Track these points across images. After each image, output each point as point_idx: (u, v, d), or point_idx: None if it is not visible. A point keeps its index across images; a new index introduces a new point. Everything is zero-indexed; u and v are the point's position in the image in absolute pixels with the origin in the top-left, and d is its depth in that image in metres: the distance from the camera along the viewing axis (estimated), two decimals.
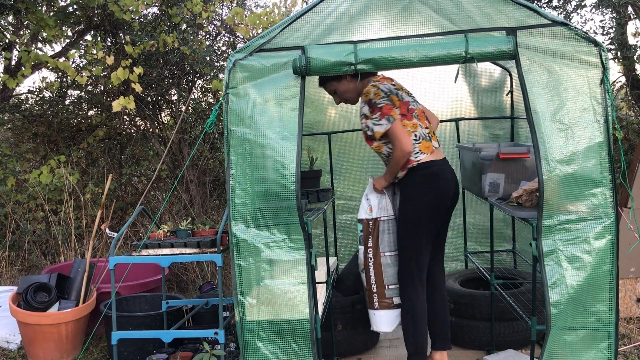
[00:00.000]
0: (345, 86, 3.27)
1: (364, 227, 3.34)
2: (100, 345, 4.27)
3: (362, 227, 3.35)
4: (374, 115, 3.14)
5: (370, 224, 3.32)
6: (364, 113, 3.19)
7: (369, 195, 3.37)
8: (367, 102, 3.17)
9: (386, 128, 3.12)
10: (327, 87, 3.35)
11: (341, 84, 3.26)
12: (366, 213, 3.35)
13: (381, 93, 3.15)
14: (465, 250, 4.38)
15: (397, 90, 3.22)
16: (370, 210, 3.34)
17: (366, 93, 3.18)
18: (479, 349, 3.84)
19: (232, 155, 2.92)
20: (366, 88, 3.20)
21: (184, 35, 5.89)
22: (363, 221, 3.36)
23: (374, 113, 3.14)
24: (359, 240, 3.39)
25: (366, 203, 3.37)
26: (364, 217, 3.36)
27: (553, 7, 5.81)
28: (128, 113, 6.54)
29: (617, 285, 2.81)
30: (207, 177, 6.44)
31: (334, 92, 3.33)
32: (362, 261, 3.36)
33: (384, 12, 2.91)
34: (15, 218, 5.84)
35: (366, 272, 3.34)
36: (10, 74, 5.63)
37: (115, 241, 3.37)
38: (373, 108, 3.14)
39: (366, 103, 3.17)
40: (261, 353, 2.95)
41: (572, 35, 2.78)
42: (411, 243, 3.22)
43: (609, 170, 2.77)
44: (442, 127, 4.55)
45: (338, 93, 3.32)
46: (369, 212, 3.34)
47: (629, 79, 5.80)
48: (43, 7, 5.65)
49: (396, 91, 3.20)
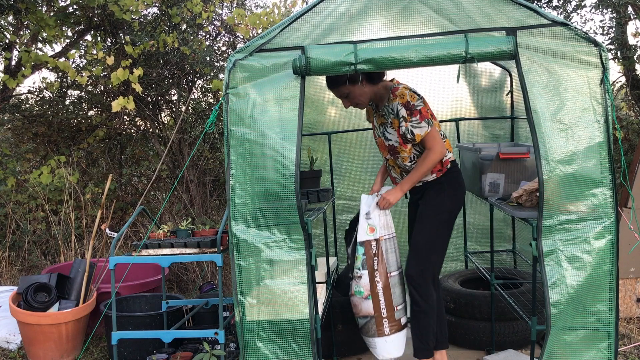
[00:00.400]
0: (360, 90, 3.14)
1: (367, 250, 3.18)
2: (100, 345, 4.27)
3: (365, 250, 3.19)
4: (413, 117, 3.06)
5: (373, 246, 3.18)
6: (403, 116, 3.08)
7: (371, 213, 3.21)
8: (404, 105, 3.07)
9: (426, 131, 3.08)
10: (339, 91, 3.18)
11: (356, 88, 3.12)
12: (367, 234, 3.19)
13: (415, 95, 3.09)
14: (465, 250, 4.38)
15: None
16: (372, 230, 3.18)
17: (401, 95, 3.09)
18: (479, 349, 3.84)
19: (232, 155, 2.92)
20: (399, 90, 3.10)
21: (184, 35, 5.89)
22: (365, 243, 3.19)
23: (413, 115, 3.06)
24: (361, 265, 3.19)
25: (365, 223, 3.21)
26: (365, 239, 3.20)
27: (553, 7, 5.82)
28: (128, 113, 6.54)
29: (617, 285, 2.81)
30: (207, 177, 6.44)
31: (346, 96, 3.18)
32: (367, 287, 3.16)
33: (384, 12, 2.91)
34: (16, 218, 5.84)
35: (374, 299, 3.16)
36: (11, 74, 5.63)
37: (115, 241, 3.37)
38: (411, 111, 3.06)
39: (403, 106, 3.07)
40: (261, 353, 2.95)
41: (572, 36, 2.78)
42: (444, 241, 3.24)
43: (609, 170, 2.77)
44: (442, 127, 4.55)
45: (350, 97, 3.18)
46: (370, 233, 3.18)
47: (629, 79, 5.81)
48: (43, 7, 5.66)
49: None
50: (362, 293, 3.20)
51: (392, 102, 3.14)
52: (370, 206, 3.24)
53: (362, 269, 3.20)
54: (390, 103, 3.15)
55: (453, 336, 3.93)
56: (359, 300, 3.22)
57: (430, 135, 3.10)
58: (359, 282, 3.20)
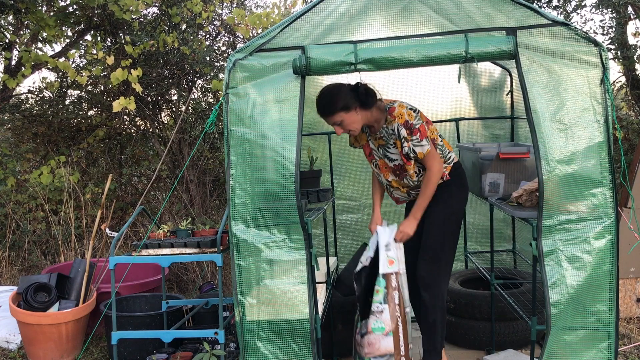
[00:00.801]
0: (354, 116, 3.06)
1: (388, 283, 3.07)
2: (100, 345, 4.27)
3: (386, 283, 3.07)
4: (414, 136, 3.03)
5: (394, 279, 3.07)
6: (404, 136, 3.04)
7: (390, 244, 3.11)
8: (404, 124, 3.02)
9: (428, 149, 3.05)
10: (332, 118, 3.08)
11: (350, 114, 3.05)
12: (388, 267, 3.08)
13: (412, 112, 3.05)
14: (466, 250, 4.38)
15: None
16: (392, 262, 3.08)
17: (400, 115, 3.03)
18: (479, 349, 3.84)
19: (232, 155, 2.92)
20: (396, 111, 3.04)
21: (184, 35, 5.89)
22: (387, 276, 3.08)
23: (414, 134, 3.02)
24: (382, 298, 3.06)
25: (385, 255, 3.10)
26: (387, 272, 3.08)
27: (553, 7, 5.82)
28: (128, 113, 6.54)
29: (617, 285, 2.81)
30: (207, 177, 6.44)
31: (339, 123, 3.08)
32: (389, 323, 3.04)
33: (384, 12, 2.91)
34: (16, 218, 5.84)
35: (395, 335, 3.05)
36: (10, 74, 5.63)
37: (115, 241, 3.37)
38: (412, 130, 3.02)
39: (403, 126, 3.02)
40: (261, 353, 2.95)
41: (572, 35, 2.78)
42: (455, 241, 3.25)
43: (609, 170, 2.77)
44: (442, 127, 4.54)
45: (344, 124, 3.08)
46: (391, 265, 3.08)
47: (629, 78, 5.81)
48: (43, 7, 5.66)
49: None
50: (383, 329, 3.05)
51: (391, 124, 3.07)
52: (389, 237, 3.15)
53: (383, 302, 3.06)
54: (390, 124, 3.09)
55: (453, 336, 3.94)
56: (377, 338, 3.06)
57: (430, 155, 3.07)
58: (380, 317, 3.05)
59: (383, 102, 3.14)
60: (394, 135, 3.09)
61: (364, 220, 4.63)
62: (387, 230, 3.18)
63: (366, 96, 3.04)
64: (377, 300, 3.08)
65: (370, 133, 3.26)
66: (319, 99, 3.07)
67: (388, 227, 3.19)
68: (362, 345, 3.13)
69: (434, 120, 4.45)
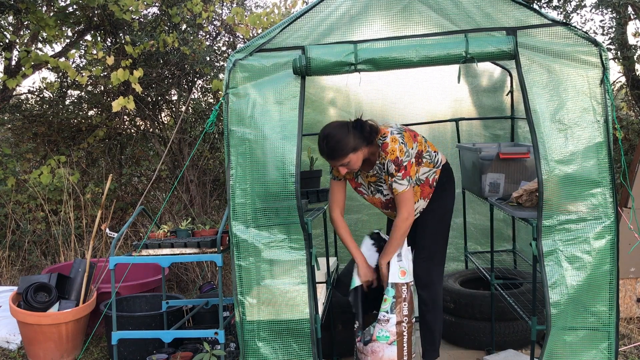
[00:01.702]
0: (359, 155, 3.01)
1: (398, 293, 3.06)
2: (100, 345, 4.27)
3: (395, 293, 3.06)
4: (398, 174, 3.00)
5: (404, 290, 3.07)
6: (390, 172, 3.01)
7: (402, 255, 3.11)
8: (394, 161, 2.99)
9: (404, 190, 3.02)
10: (342, 161, 3.00)
11: (357, 154, 3.00)
12: (399, 277, 3.08)
13: (403, 147, 3.00)
14: (466, 251, 4.38)
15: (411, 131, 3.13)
16: (404, 273, 3.07)
17: (392, 152, 2.99)
18: (479, 349, 3.84)
19: (232, 155, 2.92)
20: (389, 147, 2.99)
21: (184, 35, 5.89)
22: (397, 286, 3.07)
23: (399, 172, 3.00)
24: (390, 308, 3.07)
25: (397, 265, 3.09)
26: (397, 282, 3.07)
27: (553, 7, 5.82)
28: (128, 113, 6.54)
29: (617, 286, 2.81)
30: (207, 177, 6.44)
31: (347, 164, 3.02)
32: (394, 332, 3.05)
33: (384, 12, 2.91)
34: (15, 218, 5.84)
35: (399, 345, 3.04)
36: (10, 74, 5.63)
37: (116, 241, 3.37)
38: (399, 167, 2.99)
39: (393, 162, 2.99)
40: (261, 353, 2.95)
41: (572, 36, 2.78)
42: (447, 238, 3.32)
43: (609, 171, 2.77)
44: (442, 127, 4.55)
45: (350, 164, 3.02)
46: (402, 276, 3.08)
47: (629, 79, 5.81)
48: (43, 7, 5.66)
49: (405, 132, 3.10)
50: (388, 338, 3.06)
51: (383, 160, 3.04)
52: (402, 248, 3.13)
53: (390, 312, 3.06)
54: (382, 161, 3.05)
55: (453, 336, 3.94)
56: (381, 347, 3.07)
57: (404, 196, 3.03)
58: (385, 327, 3.06)
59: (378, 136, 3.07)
60: (384, 171, 3.07)
61: (364, 221, 4.63)
62: None
63: (371, 134, 3.00)
64: (384, 309, 3.08)
65: (360, 170, 3.21)
66: (325, 144, 2.97)
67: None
68: (365, 353, 3.13)
69: (434, 120, 4.48)
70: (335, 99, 4.52)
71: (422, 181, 3.20)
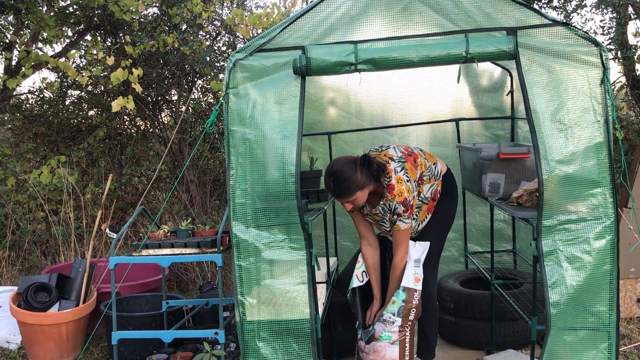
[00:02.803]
0: (366, 192, 2.98)
1: (408, 298, 3.06)
2: (101, 345, 4.27)
3: (406, 297, 3.06)
4: (405, 214, 2.99)
5: (415, 297, 3.06)
6: (399, 212, 2.99)
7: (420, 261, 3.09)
8: (402, 202, 2.96)
9: (405, 227, 3.03)
10: (349, 198, 2.97)
11: (364, 191, 2.96)
12: (414, 283, 3.06)
13: (409, 185, 2.98)
14: (466, 251, 4.38)
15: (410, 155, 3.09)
16: (418, 280, 3.05)
17: (399, 194, 2.95)
18: (479, 349, 3.84)
19: (232, 155, 2.92)
20: (396, 189, 2.95)
21: (184, 36, 5.89)
22: (408, 290, 3.07)
23: (406, 212, 2.99)
24: (397, 311, 3.06)
25: (413, 270, 3.07)
26: (410, 287, 3.06)
27: (553, 7, 5.82)
28: (128, 113, 6.54)
29: (617, 286, 2.81)
30: (207, 177, 6.44)
31: (353, 201, 3.00)
32: (397, 334, 3.06)
33: (384, 12, 2.91)
34: (16, 218, 5.84)
35: (401, 345, 3.07)
36: (11, 74, 5.63)
37: (116, 241, 3.37)
38: (407, 208, 2.98)
39: (401, 204, 2.96)
40: (261, 353, 2.95)
41: (572, 36, 2.78)
42: (444, 240, 3.34)
43: (609, 171, 2.77)
44: (443, 127, 4.55)
45: (357, 200, 2.99)
46: (416, 283, 3.05)
47: (629, 79, 5.80)
48: (43, 7, 5.66)
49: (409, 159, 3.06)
50: (390, 338, 3.07)
51: (391, 201, 2.99)
52: (421, 254, 3.12)
53: (396, 315, 3.07)
54: (388, 202, 3.01)
55: (453, 336, 3.94)
56: (384, 346, 3.08)
57: (402, 234, 3.06)
58: (390, 328, 3.07)
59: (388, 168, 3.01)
60: (389, 211, 3.05)
61: None
62: (418, 247, 3.14)
63: (378, 172, 2.97)
64: (390, 311, 3.09)
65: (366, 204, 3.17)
66: (332, 180, 2.94)
67: (419, 243, 3.16)
68: (367, 351, 3.14)
69: (434, 120, 4.48)
70: (335, 99, 4.52)
71: (428, 199, 3.19)
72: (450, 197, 3.30)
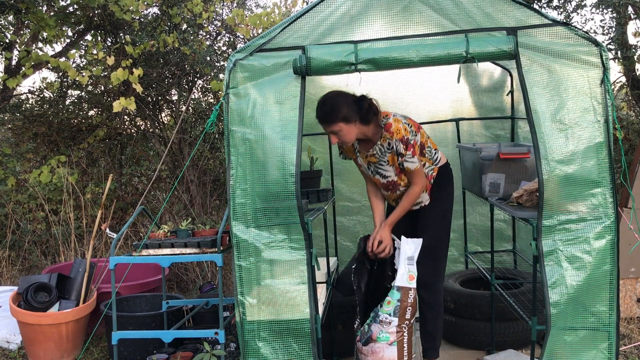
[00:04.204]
0: (351, 129, 3.05)
1: (403, 297, 3.05)
2: (101, 345, 4.27)
3: (401, 297, 3.06)
4: (408, 152, 3.04)
5: (410, 295, 3.06)
6: (400, 152, 3.05)
7: (413, 259, 3.08)
8: (400, 139, 3.02)
9: (417, 166, 3.07)
10: (332, 127, 3.05)
11: (348, 126, 3.03)
12: (408, 281, 3.06)
13: (407, 127, 3.04)
14: (466, 251, 4.38)
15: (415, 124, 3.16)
16: (412, 278, 3.05)
17: (397, 131, 3.01)
18: (479, 349, 3.84)
19: (232, 155, 2.92)
20: (393, 127, 3.01)
21: (185, 36, 5.89)
22: (402, 289, 3.06)
23: (408, 150, 3.04)
24: (392, 311, 3.06)
25: (406, 268, 3.07)
26: (404, 285, 3.05)
27: (553, 7, 5.82)
28: (128, 113, 6.54)
29: (617, 286, 2.81)
30: (207, 177, 6.44)
31: (337, 132, 3.06)
32: (394, 334, 3.04)
33: (384, 12, 2.91)
34: (16, 218, 5.84)
35: (399, 346, 3.05)
36: (11, 74, 5.63)
37: (116, 241, 3.37)
38: (407, 145, 3.03)
39: (400, 141, 3.02)
40: (261, 353, 2.95)
41: (572, 35, 2.78)
42: (448, 237, 3.32)
43: (609, 171, 2.77)
44: (443, 127, 4.55)
45: (340, 135, 3.06)
46: (410, 281, 3.05)
47: (629, 79, 5.80)
48: (43, 7, 5.66)
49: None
50: (388, 339, 3.06)
51: (387, 140, 3.06)
52: (414, 251, 3.11)
53: (392, 315, 3.06)
54: (385, 141, 3.08)
55: (453, 336, 3.94)
56: (382, 347, 3.06)
57: (418, 172, 3.11)
58: (387, 329, 3.06)
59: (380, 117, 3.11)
60: (389, 151, 3.09)
61: (364, 222, 4.63)
62: (411, 243, 3.13)
63: (368, 112, 3.03)
64: (386, 311, 3.08)
65: (359, 150, 3.25)
66: (321, 105, 3.05)
67: (412, 240, 3.14)
68: (366, 353, 3.13)
69: (434, 120, 4.48)
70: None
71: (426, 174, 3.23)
72: (446, 189, 3.30)
